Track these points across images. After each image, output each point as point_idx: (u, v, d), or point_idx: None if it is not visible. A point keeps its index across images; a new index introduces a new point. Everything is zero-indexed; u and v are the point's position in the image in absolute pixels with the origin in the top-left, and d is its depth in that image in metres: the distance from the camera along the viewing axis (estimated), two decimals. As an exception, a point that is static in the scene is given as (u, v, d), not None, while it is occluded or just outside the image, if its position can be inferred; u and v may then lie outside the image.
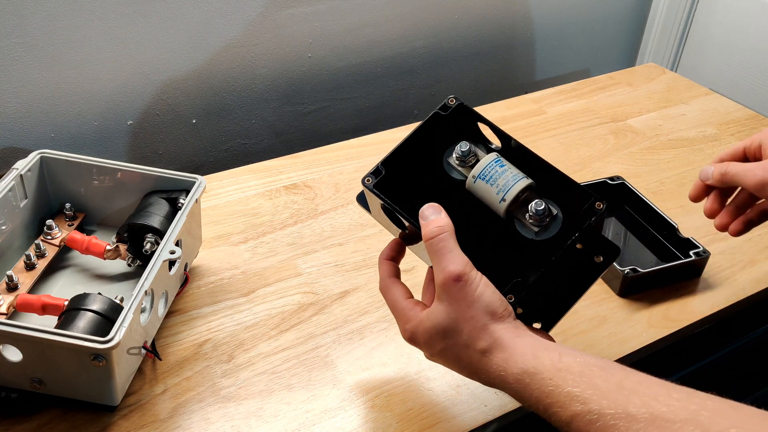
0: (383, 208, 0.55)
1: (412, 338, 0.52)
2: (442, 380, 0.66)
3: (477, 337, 0.47)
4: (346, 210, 0.89)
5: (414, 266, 0.80)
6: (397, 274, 0.56)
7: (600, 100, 1.17)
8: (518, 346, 0.46)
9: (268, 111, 1.11)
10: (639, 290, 0.76)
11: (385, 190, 0.53)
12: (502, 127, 0.56)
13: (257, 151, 1.13)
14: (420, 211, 0.51)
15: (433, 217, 0.50)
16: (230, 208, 0.88)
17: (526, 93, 1.21)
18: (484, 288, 0.48)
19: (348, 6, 1.08)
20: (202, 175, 0.77)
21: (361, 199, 0.60)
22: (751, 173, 0.60)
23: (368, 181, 0.54)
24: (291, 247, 0.82)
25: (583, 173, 0.96)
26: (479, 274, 0.49)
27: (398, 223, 0.56)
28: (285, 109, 1.12)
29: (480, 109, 0.57)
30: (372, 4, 1.10)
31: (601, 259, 0.54)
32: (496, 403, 0.64)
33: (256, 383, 0.65)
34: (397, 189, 0.54)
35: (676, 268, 0.77)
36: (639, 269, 0.74)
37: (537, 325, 0.53)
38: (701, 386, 0.43)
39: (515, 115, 1.11)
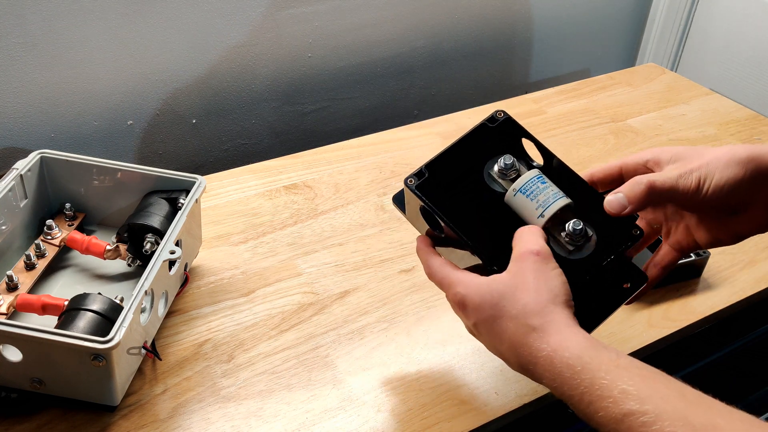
0: (422, 210, 0.55)
1: (461, 301, 0.50)
2: (442, 380, 0.66)
3: (532, 311, 0.46)
4: (346, 210, 0.89)
5: (414, 266, 0.80)
6: (438, 255, 0.55)
7: (600, 100, 1.17)
8: (576, 333, 0.45)
9: (268, 111, 1.11)
10: (639, 290, 0.76)
11: (425, 192, 0.54)
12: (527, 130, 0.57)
13: (257, 151, 1.13)
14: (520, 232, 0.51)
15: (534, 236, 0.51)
16: (230, 208, 0.88)
17: (526, 93, 1.21)
18: (558, 273, 0.48)
19: (348, 6, 1.08)
20: (202, 175, 0.77)
21: (398, 200, 0.60)
22: (683, 180, 0.51)
23: (411, 182, 0.54)
24: (291, 247, 0.82)
25: (583, 173, 0.96)
26: (557, 264, 0.49)
27: (435, 226, 0.56)
28: (285, 109, 1.12)
29: (480, 109, 0.58)
30: (372, 4, 1.10)
31: (629, 285, 0.55)
32: (496, 403, 0.64)
33: (256, 383, 0.65)
34: (437, 193, 0.54)
35: (676, 268, 0.76)
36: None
37: None
38: (701, 386, 0.43)
39: (515, 115, 1.10)
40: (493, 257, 0.51)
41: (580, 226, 0.51)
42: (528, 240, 0.50)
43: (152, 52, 0.96)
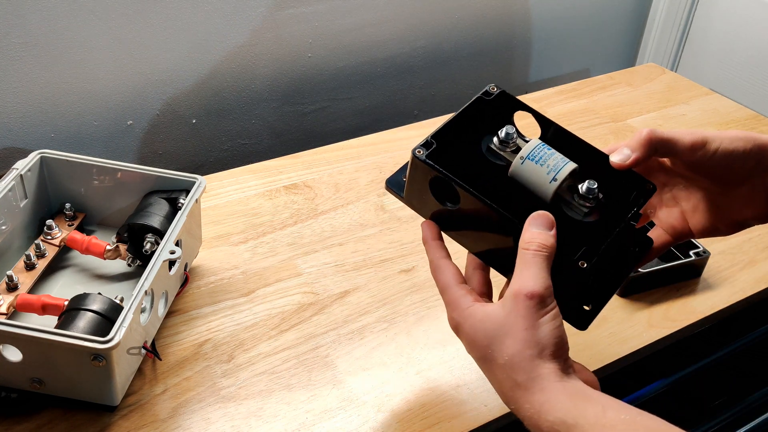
0: (432, 183, 0.53)
1: (456, 328, 0.50)
2: (442, 380, 0.66)
3: (518, 366, 0.45)
4: (346, 210, 0.89)
5: (414, 266, 0.80)
6: (448, 254, 0.53)
7: (600, 100, 1.17)
8: (560, 391, 0.43)
9: (268, 111, 1.11)
10: (639, 290, 0.76)
11: (437, 161, 0.52)
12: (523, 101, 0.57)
13: (257, 151, 1.13)
14: (535, 214, 0.48)
15: (542, 230, 0.48)
16: (230, 208, 0.88)
17: (526, 93, 1.21)
18: (551, 319, 0.45)
19: (348, 6, 1.08)
20: (202, 175, 0.77)
21: (393, 183, 0.58)
22: (683, 132, 0.52)
23: (419, 152, 0.52)
24: (291, 247, 0.82)
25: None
26: (555, 305, 0.46)
27: (447, 200, 0.53)
28: (285, 109, 1.12)
29: (480, 109, 0.57)
30: (372, 4, 1.10)
31: (637, 249, 0.54)
32: (496, 403, 0.64)
33: (256, 383, 0.65)
34: (447, 163, 0.52)
35: (676, 268, 0.77)
36: (639, 269, 0.74)
37: (587, 307, 0.52)
38: (701, 386, 0.43)
39: (515, 115, 1.10)
40: (518, 215, 0.49)
41: (595, 186, 0.50)
42: (528, 276, 0.46)
43: (152, 52, 0.96)
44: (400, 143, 1.03)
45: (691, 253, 0.77)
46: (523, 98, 1.16)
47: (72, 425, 0.60)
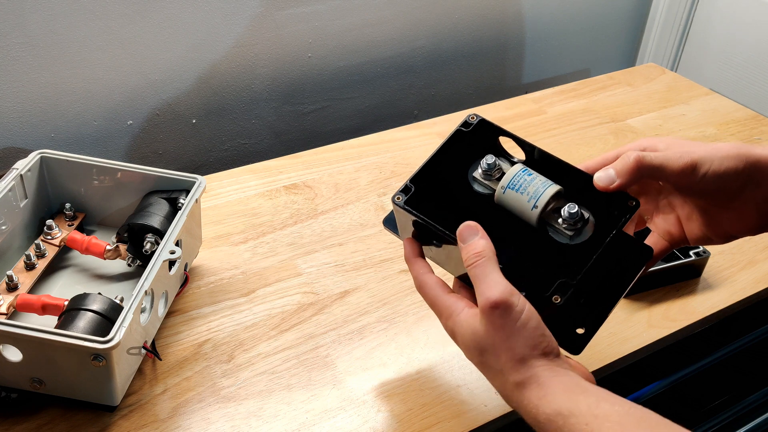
0: (415, 225, 0.55)
1: (452, 335, 0.51)
2: (442, 380, 0.66)
3: (513, 368, 0.46)
4: (346, 210, 0.89)
5: (414, 266, 0.80)
6: (430, 269, 0.54)
7: (600, 100, 1.17)
8: (555, 384, 0.45)
9: (268, 111, 1.11)
10: (639, 290, 0.76)
11: (416, 207, 0.53)
12: (503, 127, 0.57)
13: (257, 151, 1.13)
14: (458, 231, 0.50)
15: (471, 240, 0.49)
16: (230, 208, 0.88)
17: (526, 93, 1.21)
18: (527, 318, 0.46)
19: (348, 6, 1.08)
20: (202, 175, 0.77)
21: (389, 223, 0.60)
22: (673, 157, 0.51)
23: (398, 198, 0.53)
24: (291, 247, 0.82)
25: (579, 166, 0.95)
26: (523, 301, 0.47)
27: (431, 240, 0.55)
28: (285, 109, 1.12)
29: (480, 109, 0.58)
30: (372, 4, 1.10)
31: (636, 261, 0.53)
32: (496, 403, 0.64)
33: (256, 383, 0.65)
34: (427, 206, 0.53)
35: (676, 268, 0.77)
36: (639, 269, 0.74)
37: (580, 331, 0.51)
38: (701, 386, 0.43)
39: (515, 115, 1.11)
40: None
41: (575, 209, 0.50)
42: (483, 289, 0.47)
43: (152, 52, 0.96)
44: (400, 143, 1.03)
45: (691, 253, 0.77)
46: (523, 98, 1.17)
47: (72, 425, 0.60)
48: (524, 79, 1.38)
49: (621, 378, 0.73)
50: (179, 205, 0.72)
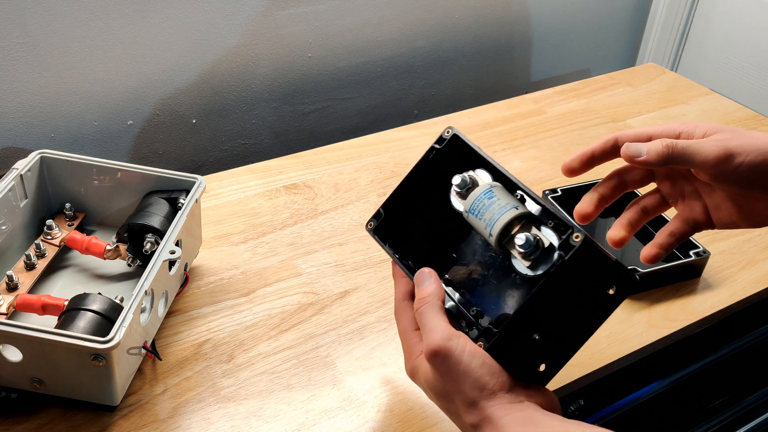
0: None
1: (412, 377, 0.51)
2: (442, 380, 0.66)
3: (467, 411, 0.46)
4: (346, 210, 0.89)
5: (414, 266, 0.80)
6: (411, 295, 0.53)
7: (600, 100, 1.17)
8: (509, 423, 0.45)
9: (268, 111, 1.11)
10: (639, 290, 0.76)
11: (389, 231, 0.52)
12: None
13: (257, 151, 1.13)
14: (414, 277, 0.51)
15: (421, 286, 0.50)
16: (230, 208, 0.88)
17: (526, 93, 1.21)
18: (470, 360, 0.46)
19: (348, 6, 1.08)
20: (202, 175, 0.77)
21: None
22: (706, 146, 0.49)
23: (370, 225, 0.53)
24: (291, 247, 0.82)
25: (583, 174, 0.96)
26: (463, 343, 0.46)
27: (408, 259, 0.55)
28: (285, 109, 1.12)
29: (480, 109, 0.58)
30: (372, 4, 1.10)
31: (614, 290, 0.46)
32: (496, 403, 0.64)
33: (256, 383, 0.65)
34: (403, 228, 0.52)
35: (676, 268, 0.77)
36: (639, 269, 0.74)
37: (542, 368, 0.48)
38: (701, 386, 0.43)
39: (515, 115, 1.11)
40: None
41: (524, 240, 0.45)
42: (426, 336, 0.47)
43: (152, 51, 0.96)
44: (400, 143, 1.03)
45: (691, 253, 0.77)
46: (523, 98, 1.17)
47: (72, 425, 0.60)
48: (524, 79, 1.38)
49: (621, 378, 0.73)
50: (179, 205, 0.72)
